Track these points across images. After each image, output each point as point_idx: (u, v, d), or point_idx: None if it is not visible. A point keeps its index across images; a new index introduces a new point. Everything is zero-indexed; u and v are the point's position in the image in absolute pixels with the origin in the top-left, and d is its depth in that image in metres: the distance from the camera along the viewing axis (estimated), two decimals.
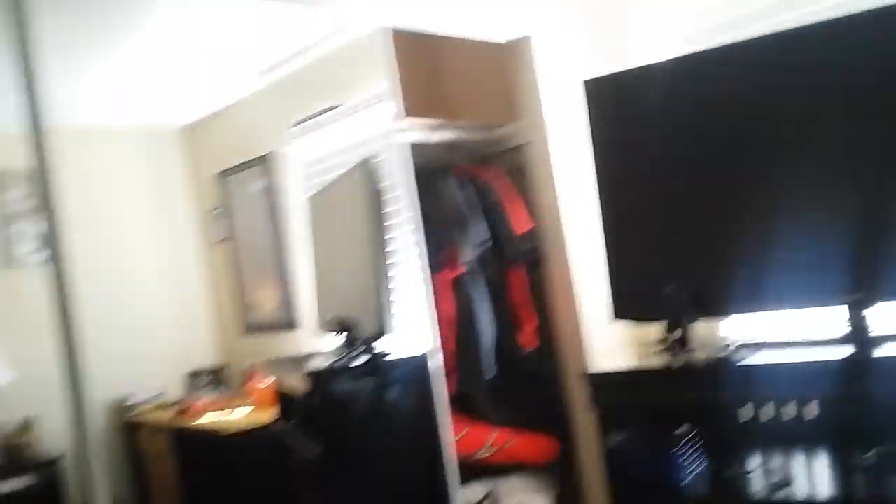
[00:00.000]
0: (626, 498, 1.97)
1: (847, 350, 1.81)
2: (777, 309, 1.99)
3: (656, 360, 2.07)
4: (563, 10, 2.96)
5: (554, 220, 2.91)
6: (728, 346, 1.95)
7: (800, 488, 1.82)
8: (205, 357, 5.08)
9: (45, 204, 1.87)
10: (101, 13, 3.09)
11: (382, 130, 3.33)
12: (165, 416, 4.36)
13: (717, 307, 2.02)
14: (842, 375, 1.76)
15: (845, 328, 1.86)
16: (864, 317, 1.80)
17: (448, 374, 2.81)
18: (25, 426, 3.76)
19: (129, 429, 4.62)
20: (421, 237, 2.75)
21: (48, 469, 3.30)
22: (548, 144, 2.88)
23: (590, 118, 2.34)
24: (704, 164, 2.02)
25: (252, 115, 4.64)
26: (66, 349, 1.86)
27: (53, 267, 1.87)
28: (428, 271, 2.77)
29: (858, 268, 1.80)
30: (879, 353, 1.74)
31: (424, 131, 3.02)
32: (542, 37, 2.89)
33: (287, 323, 4.52)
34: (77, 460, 1.88)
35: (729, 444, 2.04)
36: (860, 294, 1.79)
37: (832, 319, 1.96)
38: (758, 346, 1.96)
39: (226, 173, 4.92)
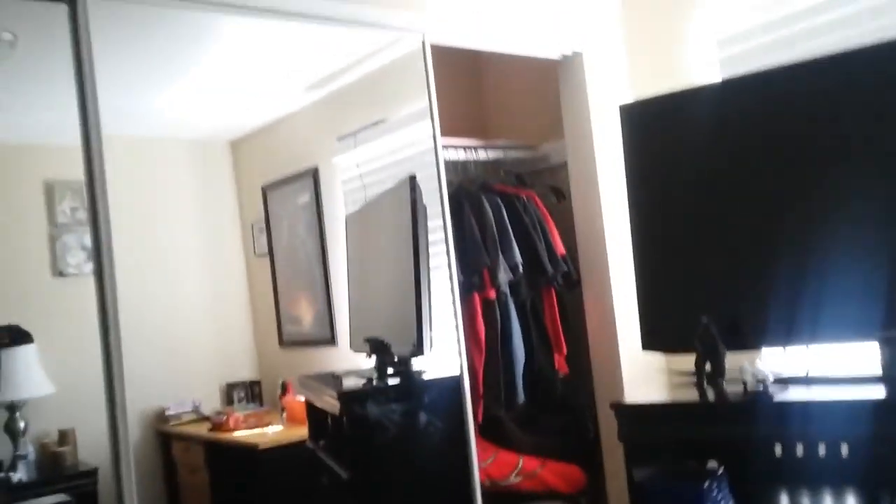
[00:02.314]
0: None
1: (879, 390, 1.73)
2: (810, 343, 1.92)
3: (686, 393, 2.01)
4: (611, 28, 2.92)
5: (595, 243, 2.86)
6: (761, 381, 1.87)
7: None
8: (242, 370, 5.12)
9: (93, 214, 1.89)
10: (161, 25, 3.16)
11: (422, 148, 3.33)
12: (201, 429, 4.40)
13: (749, 340, 1.96)
14: (873, 416, 1.68)
15: (878, 366, 1.78)
16: None
17: (478, 399, 2.77)
18: (64, 437, 3.82)
19: (165, 440, 4.67)
20: (455, 258, 2.73)
21: (86, 479, 3.34)
22: (593, 164, 2.84)
23: (624, 143, 2.31)
24: (739, 194, 1.97)
25: (298, 129, 4.69)
26: (107, 360, 1.88)
27: (98, 278, 1.89)
28: (460, 293, 2.74)
29: (893, 304, 1.72)
30: None
31: (463, 149, 3.01)
32: (593, 54, 2.85)
33: (324, 339, 4.52)
34: (112, 472, 1.89)
35: (758, 481, 1.96)
36: (894, 331, 1.71)
37: (866, 355, 1.88)
38: (790, 382, 1.88)
39: (270, 187, 4.98)
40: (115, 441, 1.86)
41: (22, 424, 3.73)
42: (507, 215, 2.91)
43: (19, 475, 3.56)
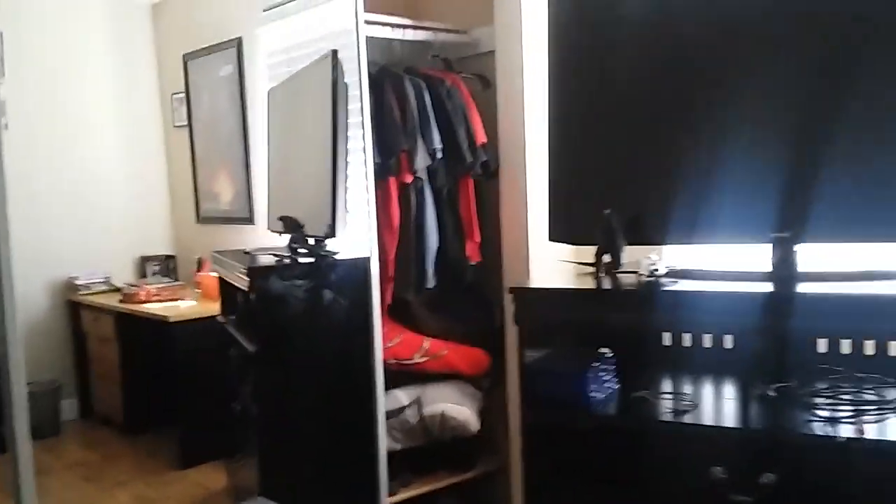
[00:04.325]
0: (539, 413, 2.00)
1: (769, 286, 1.81)
2: (707, 242, 1.98)
3: (586, 282, 2.07)
4: None
5: (515, 134, 2.85)
6: (654, 272, 1.94)
7: (704, 415, 1.85)
8: (157, 244, 5.04)
9: None
10: None
11: (349, 25, 3.20)
12: (112, 300, 4.35)
13: (648, 235, 2.01)
14: (761, 310, 1.76)
15: (770, 265, 1.86)
16: (789, 256, 1.80)
17: (388, 281, 2.80)
18: None
19: (75, 309, 4.61)
20: (371, 140, 2.68)
21: None
22: (520, 52, 2.78)
23: (549, 30, 2.27)
24: (652, 92, 1.98)
25: None
26: None
27: None
28: (376, 176, 2.72)
29: (788, 207, 1.78)
30: (797, 290, 1.74)
31: (388, 28, 2.91)
32: None
33: (242, 216, 4.47)
34: (6, 338, 1.85)
35: (644, 367, 2.06)
36: (787, 233, 1.78)
37: (760, 255, 1.96)
38: (683, 275, 1.96)
39: (192, 56, 4.76)
40: (1, 310, 1.81)
41: None
42: (430, 100, 2.85)
43: None
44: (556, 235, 2.21)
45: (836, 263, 1.85)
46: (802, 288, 1.74)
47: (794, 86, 1.81)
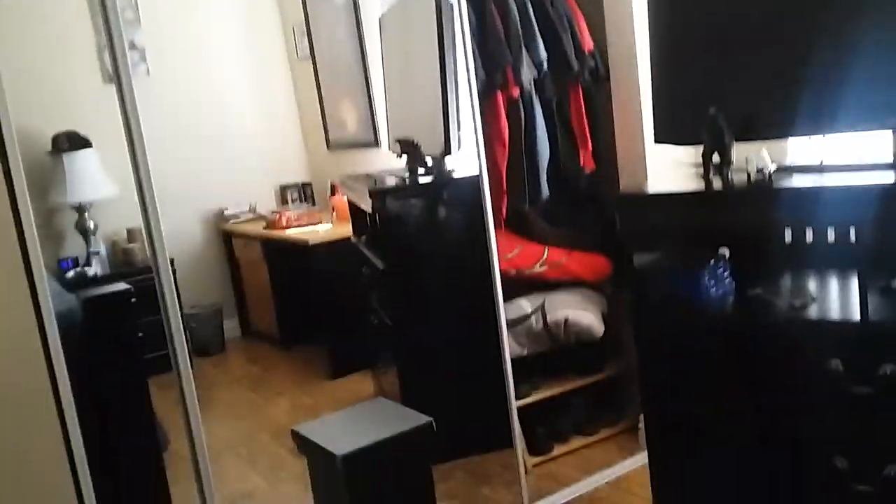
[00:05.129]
0: (651, 314, 2.04)
1: (889, 175, 1.74)
2: (820, 133, 1.90)
3: (695, 183, 2.05)
4: None
5: (626, 39, 2.79)
6: (766, 169, 1.89)
7: (822, 309, 1.83)
8: (294, 172, 5.32)
9: (104, 16, 1.92)
10: None
11: None
12: (258, 228, 4.70)
13: (758, 130, 1.95)
14: (881, 201, 1.69)
15: (892, 154, 1.77)
16: None
17: (502, 195, 2.86)
18: (132, 234, 4.14)
19: (227, 238, 5.01)
20: (476, 56, 2.70)
21: (152, 274, 3.66)
22: None
23: None
24: None
25: None
26: (136, 167, 2.00)
27: (117, 85, 1.97)
28: (484, 91, 2.75)
29: None
30: None
31: None
32: None
33: (367, 141, 4.63)
34: (154, 272, 2.07)
35: (760, 266, 2.03)
36: None
37: (878, 146, 1.86)
38: (798, 170, 1.90)
39: None
40: (151, 244, 2.03)
41: (92, 224, 4.05)
42: (533, 9, 2.83)
43: (94, 269, 3.93)
44: (661, 136, 2.18)
45: None
46: None
47: None
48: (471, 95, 2.52)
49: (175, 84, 4.84)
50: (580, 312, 2.93)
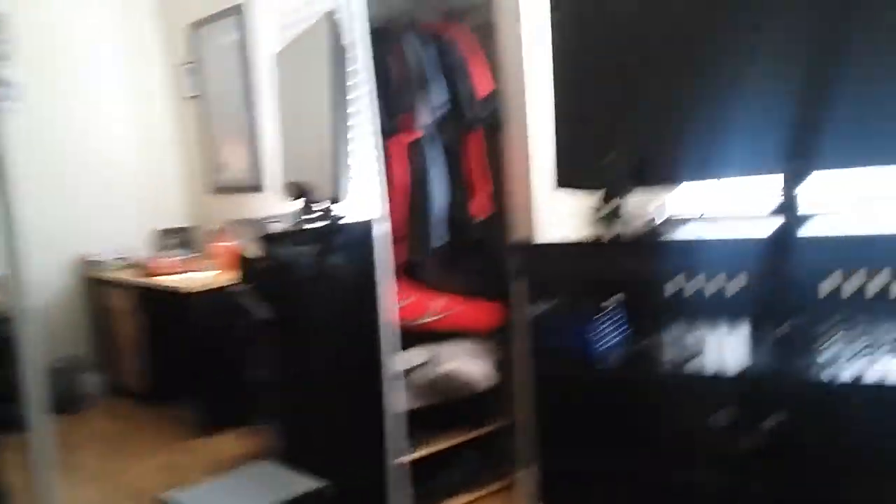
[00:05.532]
0: (546, 365, 1.98)
1: (776, 223, 1.76)
2: (714, 177, 1.92)
3: (591, 231, 2.03)
4: None
5: (516, 84, 2.79)
6: (658, 218, 1.89)
7: (710, 361, 1.82)
8: (173, 216, 5.05)
9: None
10: None
11: None
12: (132, 274, 4.39)
13: (654, 177, 1.95)
14: (764, 252, 1.71)
15: (778, 200, 1.80)
16: (796, 189, 1.74)
17: (398, 241, 2.77)
18: None
19: (95, 285, 4.66)
20: (375, 99, 2.64)
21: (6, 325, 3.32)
22: (517, 1, 2.72)
23: None
24: (658, 32, 1.91)
25: None
26: (5, 207, 1.80)
27: None
28: (380, 135, 2.68)
29: (797, 136, 1.71)
30: (805, 227, 1.69)
31: None
32: None
33: (254, 185, 4.46)
34: (18, 318, 1.86)
35: (650, 315, 2.03)
36: (797, 162, 1.71)
37: (765, 194, 1.90)
38: (689, 220, 1.91)
39: (197, 25, 4.72)
40: (14, 291, 1.82)
41: None
42: (433, 55, 2.80)
43: None
44: (562, 181, 2.16)
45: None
46: (811, 224, 1.68)
47: (806, 7, 1.73)
48: (375, 137, 2.44)
49: (48, 122, 4.54)
50: (467, 365, 2.85)
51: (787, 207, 1.73)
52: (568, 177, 2.17)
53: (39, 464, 1.88)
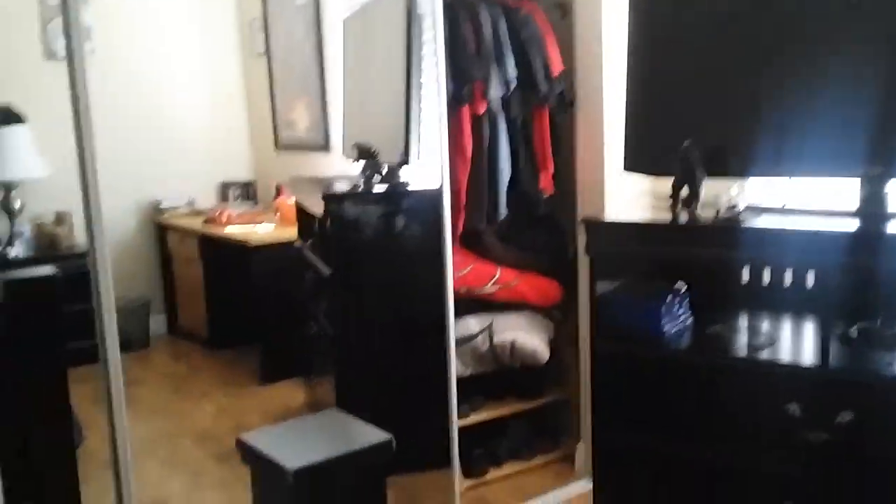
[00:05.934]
0: (609, 343, 2.01)
1: (855, 223, 1.75)
2: (791, 175, 1.92)
3: (663, 215, 2.04)
4: None
5: (593, 63, 2.78)
6: (734, 206, 1.89)
7: (782, 352, 1.83)
8: (238, 169, 5.16)
9: None
10: None
11: None
12: (195, 223, 4.52)
13: (729, 167, 1.96)
14: (845, 248, 1.71)
15: (858, 201, 1.79)
16: (879, 192, 1.73)
17: (460, 210, 2.80)
18: (60, 218, 3.92)
19: (161, 231, 4.81)
20: (446, 69, 2.65)
21: (79, 260, 3.46)
22: None
23: None
24: (734, 25, 1.89)
25: None
26: (81, 147, 1.87)
27: (69, 62, 1.84)
28: (450, 105, 2.70)
29: (881, 142, 1.70)
30: (888, 229, 1.68)
31: None
32: None
33: (319, 144, 4.53)
34: (90, 257, 1.93)
35: (720, 303, 2.04)
36: (879, 168, 1.71)
37: (846, 192, 1.89)
38: (766, 211, 1.91)
39: None
40: (90, 228, 1.90)
41: (18, 203, 3.82)
42: (506, 28, 2.80)
43: (16, 251, 3.70)
44: (631, 165, 2.17)
45: None
46: (891, 226, 1.68)
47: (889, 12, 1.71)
48: (440, 107, 2.47)
49: (120, 68, 4.64)
50: (527, 336, 2.89)
51: (875, 205, 1.73)
52: (638, 160, 2.18)
53: (112, 398, 1.97)
